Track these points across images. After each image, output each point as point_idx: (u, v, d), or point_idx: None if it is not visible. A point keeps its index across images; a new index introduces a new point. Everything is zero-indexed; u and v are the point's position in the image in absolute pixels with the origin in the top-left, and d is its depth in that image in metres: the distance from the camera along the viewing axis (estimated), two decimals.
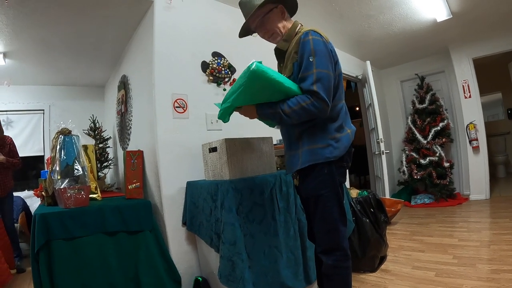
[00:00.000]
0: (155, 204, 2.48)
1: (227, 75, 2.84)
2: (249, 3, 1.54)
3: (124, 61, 3.51)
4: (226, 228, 1.76)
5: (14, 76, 4.00)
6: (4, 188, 3.24)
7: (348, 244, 1.52)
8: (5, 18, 2.59)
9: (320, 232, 1.52)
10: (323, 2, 3.30)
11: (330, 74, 1.37)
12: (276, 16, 1.56)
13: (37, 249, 1.80)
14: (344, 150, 1.45)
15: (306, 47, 1.38)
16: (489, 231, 3.21)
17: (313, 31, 1.41)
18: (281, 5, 1.56)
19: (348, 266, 1.48)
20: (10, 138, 3.43)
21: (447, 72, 5.46)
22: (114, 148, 3.92)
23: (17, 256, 3.32)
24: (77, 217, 1.96)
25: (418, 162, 5.11)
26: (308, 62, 1.37)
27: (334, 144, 1.43)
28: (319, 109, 1.34)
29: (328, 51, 1.40)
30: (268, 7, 1.54)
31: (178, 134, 2.47)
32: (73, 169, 2.13)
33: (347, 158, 1.51)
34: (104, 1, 2.40)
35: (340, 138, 1.45)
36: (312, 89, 1.33)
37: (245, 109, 1.55)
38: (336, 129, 1.47)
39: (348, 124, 1.54)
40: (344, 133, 1.47)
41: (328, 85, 1.36)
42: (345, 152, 1.46)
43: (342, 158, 1.46)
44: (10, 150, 3.33)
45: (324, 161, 1.42)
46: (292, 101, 1.38)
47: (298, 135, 1.52)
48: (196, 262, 2.42)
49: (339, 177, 1.48)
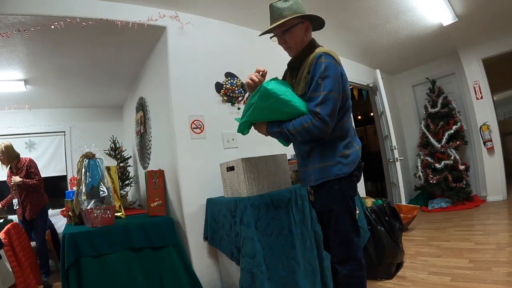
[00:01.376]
0: (177, 220, 2.60)
1: (241, 94, 2.96)
2: (278, 11, 1.58)
3: (141, 83, 3.66)
4: (246, 242, 1.85)
5: (35, 101, 4.18)
6: (33, 210, 3.40)
7: (362, 253, 1.58)
8: (25, 49, 2.76)
9: (334, 244, 1.59)
10: (329, 16, 3.37)
11: (336, 96, 1.42)
12: (299, 32, 1.59)
13: (67, 266, 1.91)
14: (353, 166, 1.51)
15: (317, 69, 1.44)
16: (506, 233, 3.19)
17: (326, 54, 1.46)
18: (307, 22, 1.60)
19: (362, 275, 1.55)
20: (29, 159, 3.58)
21: (457, 74, 5.45)
22: (135, 167, 4.06)
23: (44, 273, 3.43)
24: (104, 236, 2.09)
25: (433, 166, 5.10)
26: (316, 84, 1.44)
27: (344, 161, 1.49)
28: (319, 129, 1.41)
29: (338, 75, 1.45)
30: (294, 22, 1.57)
31: (196, 154, 2.59)
32: (98, 190, 2.26)
33: (357, 173, 1.56)
34: (118, 29, 2.50)
35: (349, 155, 1.51)
36: (315, 110, 1.41)
37: (258, 125, 1.66)
38: (345, 146, 1.52)
39: (356, 141, 1.60)
40: (352, 149, 1.53)
41: (333, 107, 1.41)
42: (354, 168, 1.52)
43: (352, 174, 1.52)
44: (27, 172, 3.46)
45: (334, 178, 1.49)
46: (297, 121, 1.46)
47: (308, 152, 1.60)
48: (218, 275, 2.52)
49: (350, 192, 1.54)
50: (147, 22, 2.58)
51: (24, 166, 3.48)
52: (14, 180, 3.35)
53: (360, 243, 1.60)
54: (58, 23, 2.27)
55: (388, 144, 4.88)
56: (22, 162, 3.52)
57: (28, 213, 3.39)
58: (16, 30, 2.33)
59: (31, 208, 3.40)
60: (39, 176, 3.55)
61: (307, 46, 1.60)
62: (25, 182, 3.37)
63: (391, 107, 4.54)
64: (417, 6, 3.47)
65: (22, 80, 3.45)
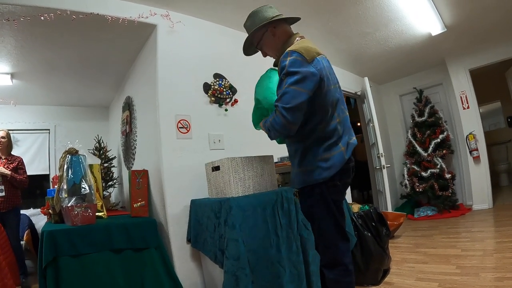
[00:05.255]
0: (160, 222, 2.53)
1: (229, 95, 2.93)
2: (247, 30, 1.65)
3: (128, 83, 3.61)
4: (230, 244, 1.81)
5: (20, 97, 4.10)
6: (8, 203, 3.29)
7: (350, 259, 1.55)
8: (13, 41, 2.70)
9: (320, 248, 1.57)
10: (320, 21, 3.41)
11: (299, 90, 1.37)
12: (268, 40, 1.64)
13: (45, 265, 1.83)
14: (334, 170, 1.45)
15: (281, 67, 1.44)
16: (492, 240, 3.23)
17: (292, 51, 1.43)
18: (270, 27, 1.62)
19: (349, 281, 1.51)
20: (21, 158, 3.56)
21: (445, 84, 5.54)
22: (119, 168, 3.99)
23: (22, 274, 3.34)
24: (85, 235, 2.01)
25: (419, 175, 5.14)
26: (280, 81, 1.45)
27: (323, 165, 1.45)
28: (279, 124, 1.41)
29: (304, 70, 1.39)
30: (259, 35, 1.64)
31: (182, 154, 2.54)
32: (80, 187, 2.19)
33: (342, 176, 1.50)
34: (108, 25, 2.48)
35: (329, 158, 1.45)
36: (275, 104, 1.42)
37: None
38: (326, 148, 1.47)
39: (343, 141, 1.50)
40: (335, 152, 1.46)
41: (291, 100, 1.36)
42: (336, 172, 1.45)
43: (333, 178, 1.46)
44: (18, 167, 3.43)
45: (314, 183, 1.47)
46: (269, 117, 1.52)
47: (293, 153, 1.60)
48: (201, 279, 2.46)
49: (333, 196, 1.50)
50: (138, 19, 2.53)
51: (15, 161, 3.45)
52: (2, 170, 3.26)
53: (347, 248, 1.56)
54: (48, 15, 2.23)
55: (375, 151, 4.91)
56: (15, 157, 3.51)
57: (4, 205, 3.27)
58: (5, 19, 2.28)
59: (8, 202, 3.30)
60: (26, 176, 3.50)
61: (282, 48, 1.60)
62: (14, 176, 3.31)
63: (378, 116, 4.58)
64: (406, 15, 3.52)
65: (9, 74, 3.36)
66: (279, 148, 3.11)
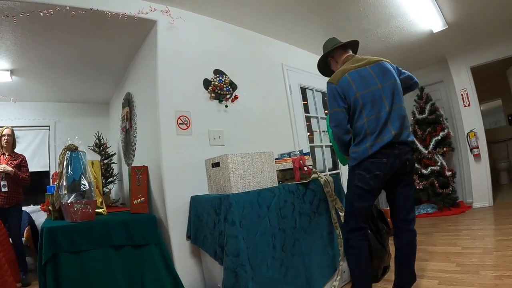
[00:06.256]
0: (160, 218, 2.53)
1: (229, 92, 2.91)
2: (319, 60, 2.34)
3: (128, 79, 3.60)
4: (230, 241, 1.80)
5: (20, 93, 4.08)
6: (11, 199, 3.31)
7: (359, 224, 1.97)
8: (13, 37, 2.69)
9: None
10: (322, 18, 3.39)
11: (335, 110, 1.95)
12: (333, 65, 2.26)
13: (45, 261, 1.83)
14: (356, 161, 1.91)
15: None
16: (492, 238, 3.22)
17: (327, 82, 2.02)
18: (329, 57, 2.26)
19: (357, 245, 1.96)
20: (24, 156, 3.59)
21: (446, 81, 5.51)
22: (119, 164, 3.98)
23: (22, 270, 3.34)
24: (84, 231, 2.00)
25: (420, 172, 5.12)
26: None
27: (352, 156, 1.94)
28: (335, 136, 2.02)
29: (333, 93, 1.96)
30: (328, 61, 2.30)
31: (182, 150, 2.53)
32: (79, 184, 2.18)
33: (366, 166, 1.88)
34: (108, 21, 2.46)
35: (355, 151, 1.92)
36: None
37: None
38: (356, 144, 1.93)
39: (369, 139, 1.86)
40: (360, 148, 1.89)
41: (335, 118, 1.96)
42: (358, 162, 1.90)
43: (360, 165, 1.90)
44: (21, 165, 3.46)
45: (349, 167, 2.02)
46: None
47: None
48: (200, 275, 2.45)
49: (356, 182, 1.94)
50: (138, 15, 2.52)
51: (19, 158, 3.49)
52: (5, 168, 3.26)
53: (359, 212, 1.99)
54: (47, 11, 2.21)
55: None
56: (18, 154, 3.55)
57: (8, 201, 3.29)
58: (5, 15, 2.26)
59: (11, 198, 3.32)
60: (29, 174, 3.53)
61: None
62: (17, 173, 3.33)
63: None
64: (408, 12, 3.50)
65: (8, 70, 3.35)
66: (279, 145, 3.12)
